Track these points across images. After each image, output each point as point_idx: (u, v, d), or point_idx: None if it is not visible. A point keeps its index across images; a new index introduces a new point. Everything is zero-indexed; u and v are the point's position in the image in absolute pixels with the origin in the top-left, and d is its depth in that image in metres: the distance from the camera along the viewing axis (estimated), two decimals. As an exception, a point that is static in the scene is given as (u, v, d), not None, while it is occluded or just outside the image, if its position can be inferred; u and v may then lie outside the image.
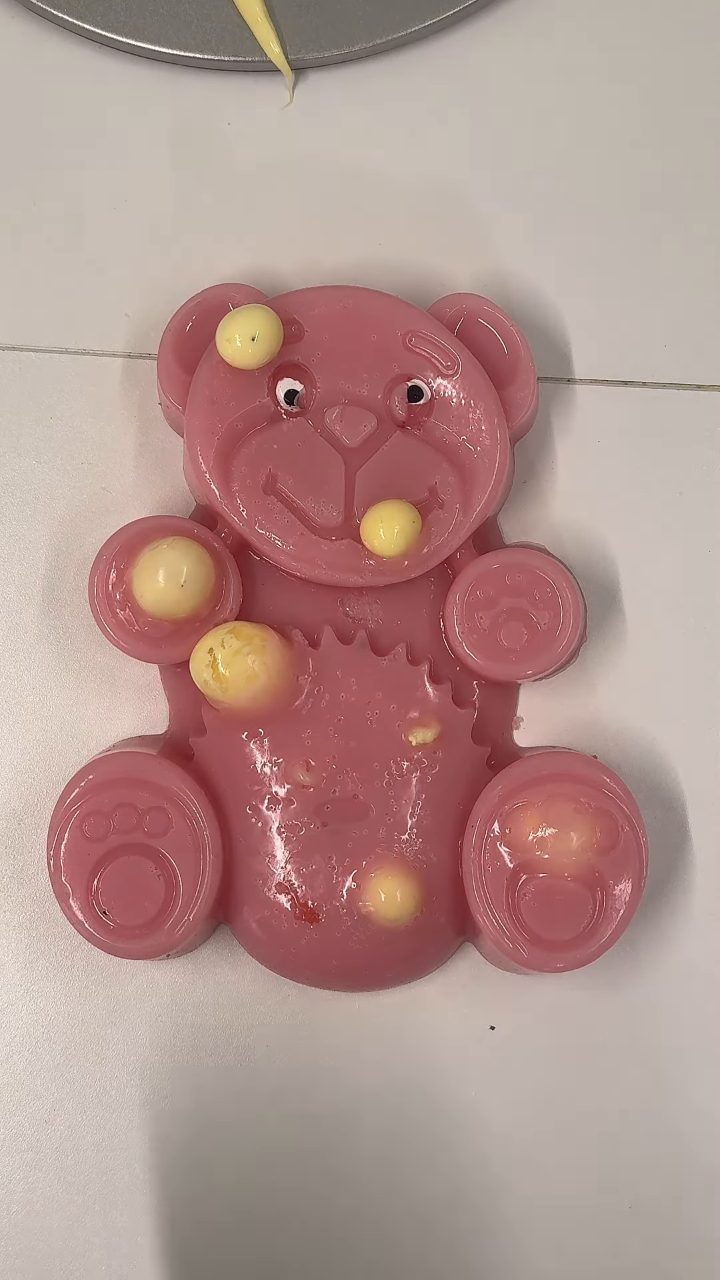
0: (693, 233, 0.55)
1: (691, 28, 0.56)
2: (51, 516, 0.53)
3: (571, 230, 0.55)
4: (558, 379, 0.54)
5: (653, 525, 0.53)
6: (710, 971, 0.52)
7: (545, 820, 0.49)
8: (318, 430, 0.50)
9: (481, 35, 0.56)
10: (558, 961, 0.49)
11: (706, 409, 0.54)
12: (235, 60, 0.55)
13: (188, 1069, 0.51)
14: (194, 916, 0.48)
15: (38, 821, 0.51)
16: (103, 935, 0.48)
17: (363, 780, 0.50)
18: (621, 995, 0.51)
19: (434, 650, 0.51)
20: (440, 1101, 0.51)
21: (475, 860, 0.49)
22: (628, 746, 0.52)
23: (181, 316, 0.52)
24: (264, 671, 0.48)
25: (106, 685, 0.52)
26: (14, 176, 0.55)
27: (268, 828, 0.50)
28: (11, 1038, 0.51)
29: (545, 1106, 0.51)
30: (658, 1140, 0.51)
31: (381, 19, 0.55)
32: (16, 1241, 0.50)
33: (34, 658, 0.52)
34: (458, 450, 0.51)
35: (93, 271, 0.54)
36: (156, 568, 0.48)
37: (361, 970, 0.50)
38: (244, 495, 0.50)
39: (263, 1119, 0.51)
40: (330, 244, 0.54)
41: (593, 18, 0.56)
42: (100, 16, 0.54)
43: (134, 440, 0.53)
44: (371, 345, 0.51)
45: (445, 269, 0.54)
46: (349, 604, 0.51)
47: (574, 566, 0.52)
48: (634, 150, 0.55)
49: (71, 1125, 0.51)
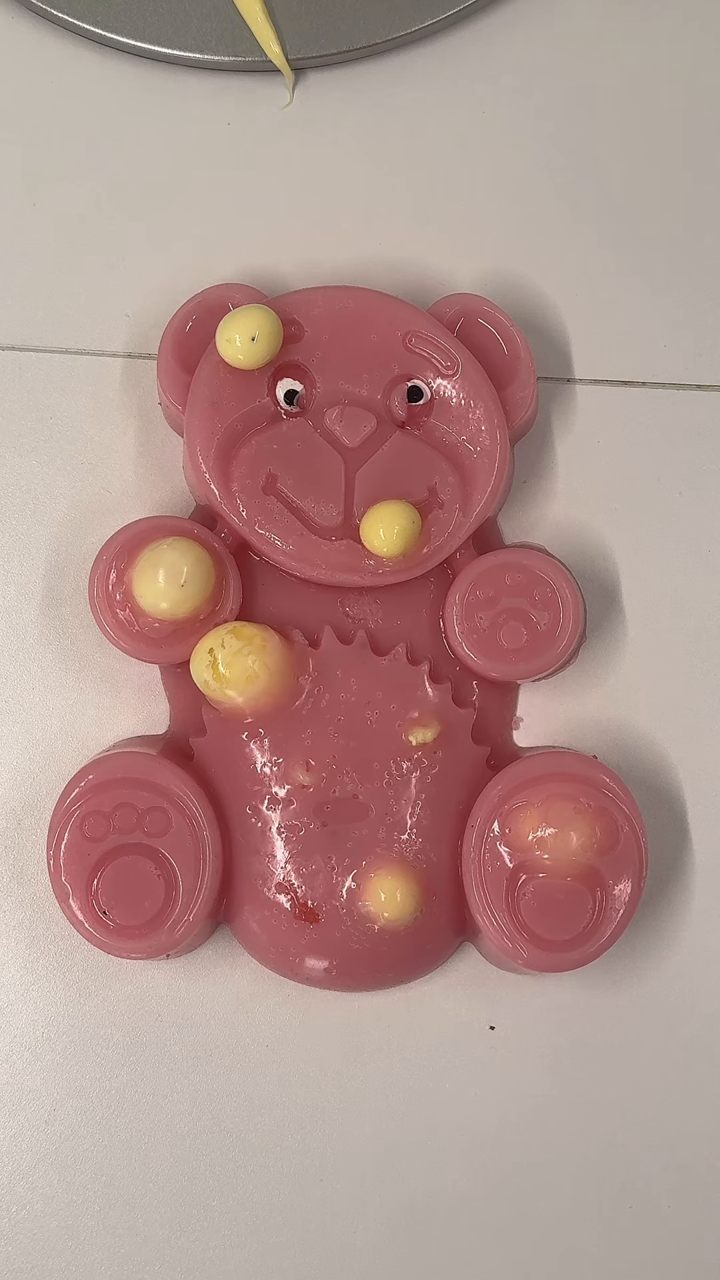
0: (693, 233, 0.55)
1: (692, 27, 0.56)
2: (51, 516, 0.53)
3: (571, 230, 0.55)
4: (558, 379, 0.54)
5: (653, 525, 0.53)
6: (710, 971, 0.52)
7: (545, 820, 0.49)
8: (317, 430, 0.50)
9: (481, 35, 0.56)
10: (558, 961, 0.49)
11: (706, 409, 0.54)
12: (235, 60, 0.55)
13: (187, 1069, 0.51)
14: (194, 916, 0.48)
15: (38, 821, 0.51)
16: (103, 935, 0.48)
17: (362, 780, 0.50)
18: (621, 995, 0.51)
19: (434, 650, 0.51)
20: (440, 1101, 0.51)
21: (475, 860, 0.49)
22: (628, 746, 0.52)
23: (181, 316, 0.52)
24: (264, 672, 0.48)
25: (106, 685, 0.52)
26: (14, 176, 0.55)
27: (268, 828, 0.50)
28: (11, 1038, 0.51)
29: (545, 1106, 0.51)
30: (658, 1140, 0.51)
31: (381, 19, 0.55)
32: (16, 1241, 0.50)
33: (34, 658, 0.52)
34: (458, 450, 0.51)
35: (93, 271, 0.54)
36: (156, 568, 0.49)
37: (361, 970, 0.50)
38: (244, 495, 0.50)
39: (263, 1119, 0.51)
40: (330, 244, 0.54)
41: (593, 18, 0.56)
42: (100, 16, 0.54)
43: (134, 440, 0.53)
44: (371, 345, 0.51)
45: (445, 269, 0.54)
46: (349, 604, 0.51)
47: (574, 566, 0.52)
48: (634, 150, 0.55)
49: (71, 1125, 0.51)
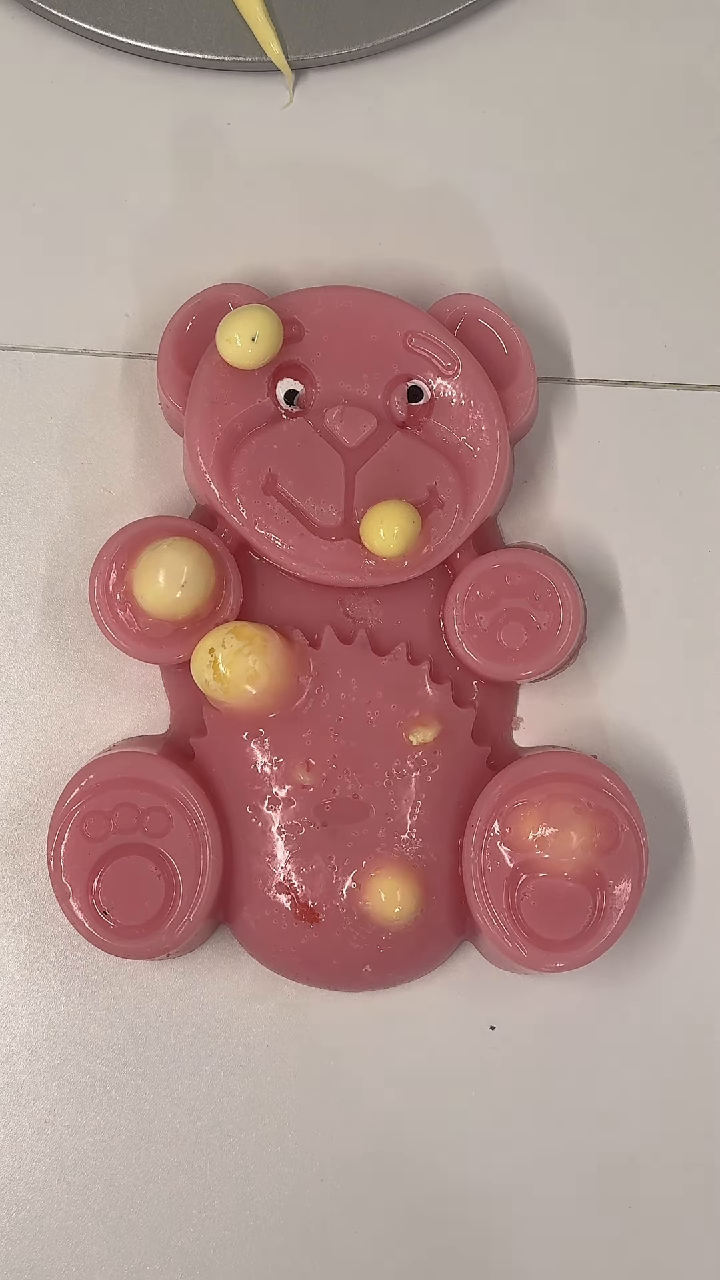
0: (693, 233, 0.55)
1: (692, 27, 0.56)
2: (51, 516, 0.53)
3: (571, 230, 0.55)
4: (558, 379, 0.54)
5: (653, 525, 0.53)
6: (710, 971, 0.52)
7: (545, 820, 0.49)
8: (318, 430, 0.50)
9: (481, 35, 0.56)
10: (558, 961, 0.49)
11: (706, 409, 0.54)
12: (235, 60, 0.55)
13: (188, 1069, 0.51)
14: (194, 916, 0.48)
15: (38, 821, 0.51)
16: (103, 935, 0.48)
17: (363, 780, 0.50)
18: (621, 995, 0.51)
19: (434, 650, 0.51)
20: (440, 1101, 0.51)
21: (475, 860, 0.49)
22: (628, 746, 0.52)
23: (181, 316, 0.52)
24: (265, 671, 0.48)
25: (106, 685, 0.52)
26: (14, 176, 0.55)
27: (268, 828, 0.50)
28: (11, 1038, 0.51)
29: (545, 1106, 0.51)
30: (658, 1140, 0.51)
31: (381, 19, 0.55)
32: (16, 1241, 0.50)
33: (34, 658, 0.52)
34: (458, 450, 0.51)
35: (93, 271, 0.54)
36: (157, 568, 0.48)
37: (361, 970, 0.50)
38: (244, 495, 0.50)
39: (263, 1119, 0.51)
40: (330, 244, 0.54)
41: (593, 18, 0.56)
42: (100, 16, 0.54)
43: (134, 440, 0.53)
44: (371, 345, 0.51)
45: (445, 269, 0.54)
46: (349, 604, 0.51)
47: (574, 566, 0.52)
48: (634, 150, 0.55)
49: (71, 1125, 0.51)
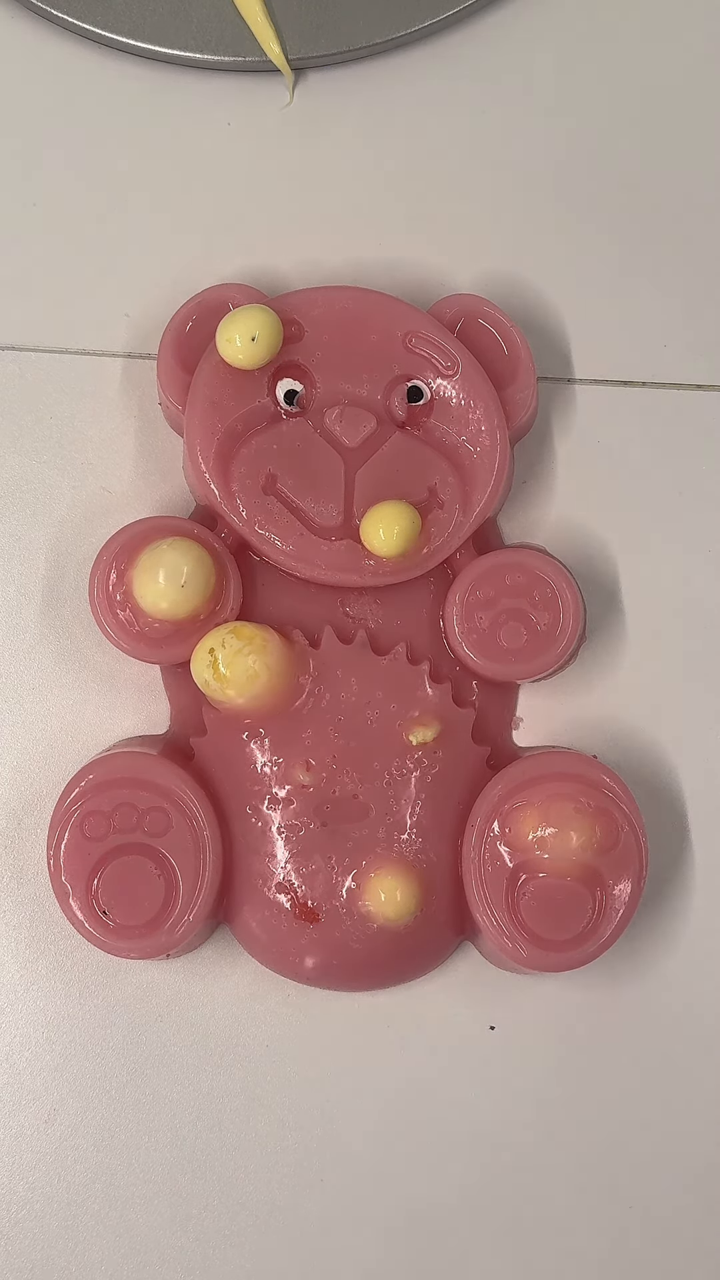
0: (693, 233, 0.55)
1: (691, 27, 0.56)
2: (51, 516, 0.53)
3: (572, 230, 0.55)
4: (558, 379, 0.54)
5: (653, 525, 0.53)
6: (710, 971, 0.52)
7: (545, 820, 0.49)
8: (317, 430, 0.50)
9: (481, 35, 0.56)
10: (558, 961, 0.49)
11: (706, 409, 0.54)
12: (235, 60, 0.55)
13: (188, 1069, 0.51)
14: (194, 916, 0.48)
15: (38, 821, 0.51)
16: (103, 935, 0.48)
17: (362, 780, 0.50)
18: (621, 995, 0.51)
19: (434, 650, 0.51)
20: (440, 1101, 0.51)
21: (475, 860, 0.49)
22: (628, 746, 0.52)
23: (181, 316, 0.52)
24: (265, 671, 0.48)
25: (106, 685, 0.52)
26: (14, 176, 0.55)
27: (268, 828, 0.50)
28: (11, 1038, 0.51)
29: (545, 1106, 0.51)
30: (658, 1140, 0.51)
31: (381, 19, 0.55)
32: (16, 1241, 0.50)
33: (34, 658, 0.52)
34: (457, 450, 0.51)
35: (93, 271, 0.54)
36: (156, 568, 0.49)
37: (361, 970, 0.50)
38: (244, 495, 0.50)
39: (263, 1119, 0.51)
40: (330, 244, 0.54)
41: (593, 18, 0.56)
42: (100, 16, 0.54)
43: (134, 440, 0.53)
44: (371, 345, 0.51)
45: (445, 269, 0.54)
46: (349, 604, 0.51)
47: (574, 566, 0.52)
48: (634, 150, 0.55)
49: (71, 1125, 0.51)
